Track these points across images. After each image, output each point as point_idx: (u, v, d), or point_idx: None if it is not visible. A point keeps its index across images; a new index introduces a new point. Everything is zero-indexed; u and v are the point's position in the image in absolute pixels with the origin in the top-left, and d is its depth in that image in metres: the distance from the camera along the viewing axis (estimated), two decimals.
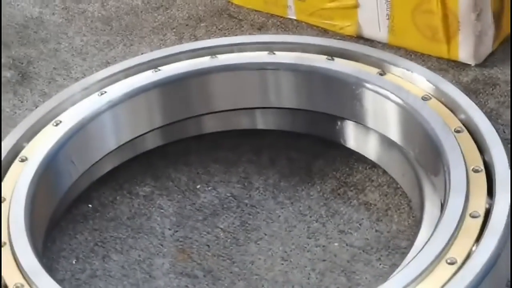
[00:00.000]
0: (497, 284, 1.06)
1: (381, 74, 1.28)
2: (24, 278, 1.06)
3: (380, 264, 1.19)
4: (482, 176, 1.13)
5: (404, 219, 1.25)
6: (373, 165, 1.32)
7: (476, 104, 1.21)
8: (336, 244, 1.22)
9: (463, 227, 1.07)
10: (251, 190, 1.30)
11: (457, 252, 1.04)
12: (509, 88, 1.32)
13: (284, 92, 1.31)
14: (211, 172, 1.33)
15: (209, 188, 1.31)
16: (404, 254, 1.14)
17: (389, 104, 1.24)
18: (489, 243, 1.04)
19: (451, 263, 1.03)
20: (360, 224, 1.25)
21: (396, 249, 1.20)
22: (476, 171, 1.13)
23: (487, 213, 1.09)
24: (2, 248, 1.10)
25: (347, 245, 1.22)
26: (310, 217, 1.26)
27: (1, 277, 1.06)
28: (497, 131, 1.17)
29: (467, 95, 1.23)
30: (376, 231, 1.23)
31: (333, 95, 1.29)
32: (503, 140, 1.16)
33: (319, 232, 1.24)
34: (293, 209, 1.27)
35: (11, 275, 1.07)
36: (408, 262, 1.07)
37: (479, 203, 1.09)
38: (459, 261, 1.03)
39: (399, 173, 1.28)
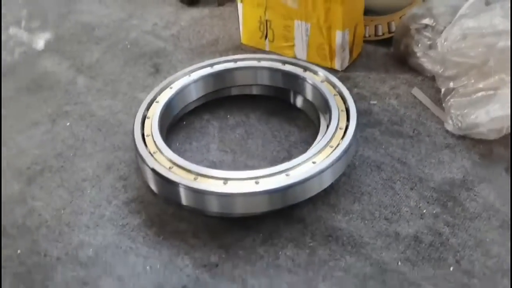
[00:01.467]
0: (349, 156, 1.06)
1: (304, 71, 1.26)
2: (157, 148, 1.06)
3: (301, 149, 1.19)
4: (345, 113, 1.13)
5: (312, 131, 1.23)
6: (301, 110, 1.29)
7: (343, 84, 1.20)
8: (284, 140, 1.22)
9: (336, 133, 1.07)
10: (250, 119, 1.29)
11: (334, 143, 1.05)
12: (355, 81, 1.29)
13: (265, 78, 1.29)
14: (233, 112, 1.31)
15: (231, 117, 1.29)
16: (310, 145, 1.14)
17: (307, 84, 1.23)
18: (346, 140, 1.05)
19: (331, 147, 1.04)
20: (294, 133, 1.24)
21: (308, 143, 1.19)
22: (342, 111, 1.13)
23: (346, 127, 1.09)
24: (148, 137, 1.09)
25: (289, 141, 1.22)
26: (274, 130, 1.25)
27: None
28: (351, 95, 1.17)
29: (339, 81, 1.22)
30: (301, 136, 1.23)
31: (286, 79, 1.27)
32: (353, 98, 1.15)
33: (278, 136, 1.23)
34: (268, 127, 1.26)
35: (152, 147, 1.07)
36: (312, 147, 1.06)
37: (343, 123, 1.09)
38: (334, 146, 1.03)
39: (311, 113, 1.27)
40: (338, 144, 1.04)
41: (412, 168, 1.13)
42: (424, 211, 1.04)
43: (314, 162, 1.01)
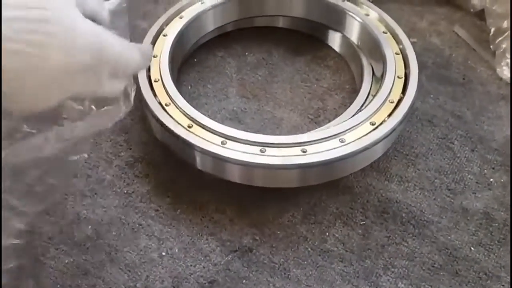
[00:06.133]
0: (413, 113, 0.70)
1: (343, 1, 0.82)
2: (171, 99, 0.67)
3: (336, 97, 0.81)
4: (400, 56, 0.74)
5: (347, 76, 0.85)
6: (330, 48, 0.90)
7: (392, 19, 0.80)
8: (315, 85, 0.84)
9: (395, 84, 0.69)
10: (273, 57, 0.89)
11: (393, 97, 0.68)
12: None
13: (296, 7, 0.86)
14: (251, 48, 0.90)
15: (252, 54, 0.89)
16: (351, 94, 0.78)
17: (349, 17, 0.81)
18: (411, 94, 0.68)
19: (391, 102, 0.66)
20: (326, 76, 0.85)
21: (344, 89, 0.82)
22: (397, 54, 0.74)
23: (406, 76, 0.71)
24: (156, 83, 0.69)
25: (321, 87, 0.83)
26: (302, 72, 0.86)
27: None
28: (405, 34, 0.77)
29: (387, 15, 0.81)
30: (334, 81, 0.84)
31: (322, 11, 0.85)
32: (407, 36, 0.76)
33: (305, 79, 0.85)
34: (293, 67, 0.87)
35: (163, 98, 0.67)
36: (367, 105, 0.69)
37: (401, 71, 0.71)
38: (395, 101, 0.67)
39: (347, 53, 0.88)
40: (400, 99, 0.67)
41: (469, 123, 0.78)
42: (491, 179, 0.71)
43: (373, 124, 0.64)
